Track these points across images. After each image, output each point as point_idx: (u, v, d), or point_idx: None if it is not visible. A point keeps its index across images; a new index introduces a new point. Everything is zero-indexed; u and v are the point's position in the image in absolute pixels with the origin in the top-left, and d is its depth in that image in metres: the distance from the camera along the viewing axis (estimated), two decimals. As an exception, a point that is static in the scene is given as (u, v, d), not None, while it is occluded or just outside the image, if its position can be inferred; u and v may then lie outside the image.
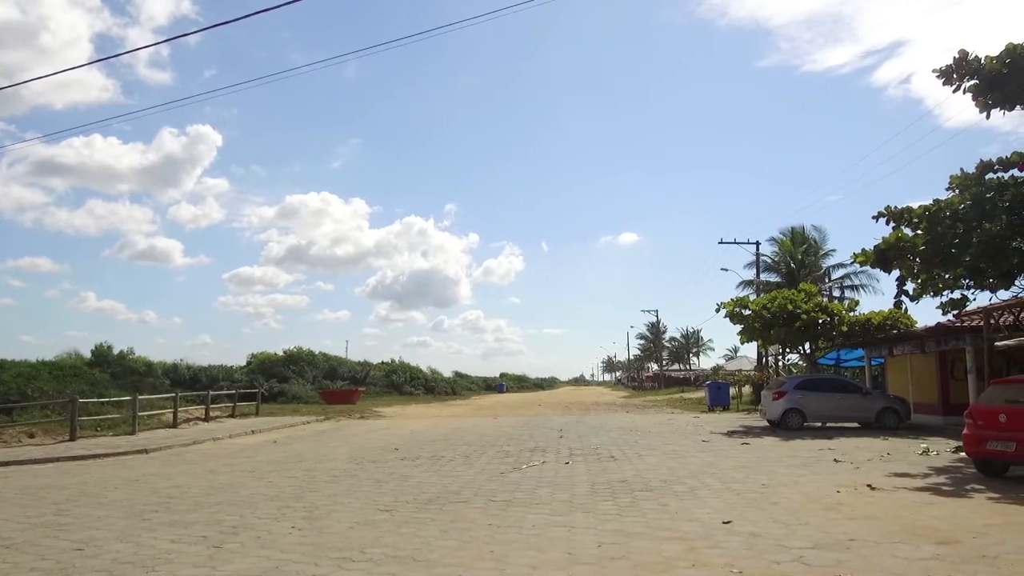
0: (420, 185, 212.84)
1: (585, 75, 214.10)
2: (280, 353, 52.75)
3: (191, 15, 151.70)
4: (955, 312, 15.66)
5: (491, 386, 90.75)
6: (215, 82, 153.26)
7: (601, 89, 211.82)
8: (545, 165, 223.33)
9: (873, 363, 30.35)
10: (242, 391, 32.49)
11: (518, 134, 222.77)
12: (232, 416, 28.35)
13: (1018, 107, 13.04)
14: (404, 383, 59.56)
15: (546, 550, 6.78)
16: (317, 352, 55.65)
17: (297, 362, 50.77)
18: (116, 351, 39.93)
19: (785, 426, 21.46)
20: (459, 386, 73.93)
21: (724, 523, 7.85)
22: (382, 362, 65.85)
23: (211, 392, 28.65)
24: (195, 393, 30.18)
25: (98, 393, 24.45)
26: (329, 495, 10.25)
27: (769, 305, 27.54)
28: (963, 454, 12.51)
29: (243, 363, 51.55)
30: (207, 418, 26.04)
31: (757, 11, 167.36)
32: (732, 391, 38.02)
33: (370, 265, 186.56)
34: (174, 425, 23.49)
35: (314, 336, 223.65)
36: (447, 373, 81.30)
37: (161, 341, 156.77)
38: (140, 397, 22.35)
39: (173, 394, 26.22)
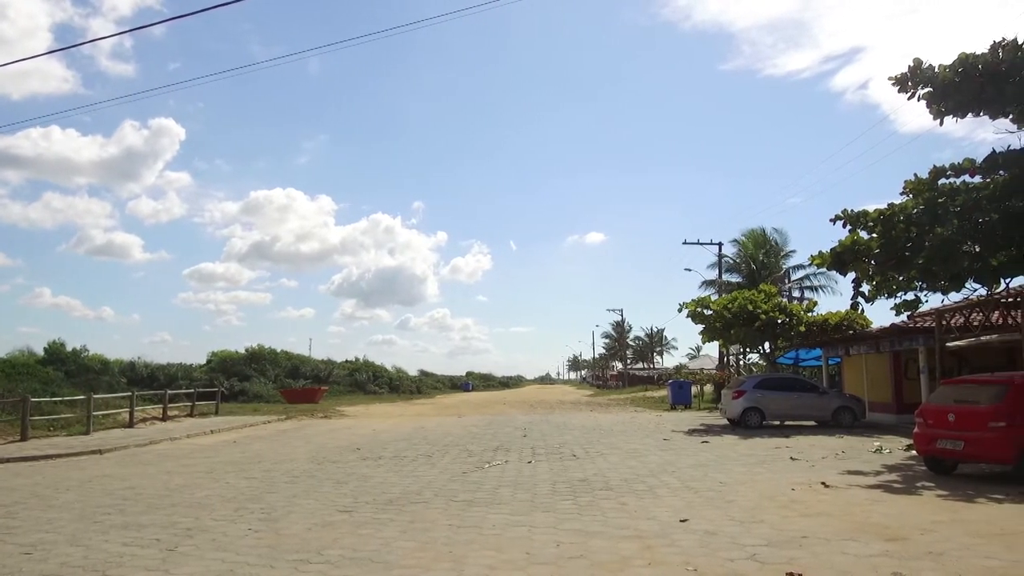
0: (388, 182, 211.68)
1: (552, 74, 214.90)
2: (241, 351, 51.98)
3: (155, 6, 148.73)
4: (908, 313, 16.07)
5: (457, 385, 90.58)
6: (179, 75, 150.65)
7: (568, 88, 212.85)
8: (514, 164, 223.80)
9: (830, 362, 31.01)
10: (201, 390, 31.92)
11: (487, 132, 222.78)
12: (190, 416, 27.85)
13: (970, 115, 13.38)
14: (368, 382, 59.14)
15: (505, 550, 6.80)
16: (279, 350, 54.99)
17: (259, 360, 50.05)
18: (70, 348, 38.91)
19: (744, 424, 21.81)
20: (424, 385, 73.71)
21: (681, 521, 7.96)
22: (346, 361, 65.35)
23: (169, 391, 28.11)
24: (152, 392, 29.59)
25: (51, 392, 23.86)
26: (288, 496, 10.14)
27: (730, 305, 27.96)
28: (914, 452, 12.83)
29: (203, 361, 50.73)
30: (164, 418, 25.54)
31: (720, 15, 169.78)
32: (694, 390, 38.48)
33: (335, 262, 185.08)
34: (130, 425, 22.99)
35: (277, 334, 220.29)
36: (412, 372, 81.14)
37: (118, 338, 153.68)
38: (95, 396, 21.80)
39: (129, 393, 25.63)
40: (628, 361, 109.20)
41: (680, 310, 29.66)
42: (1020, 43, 12.11)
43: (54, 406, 21.37)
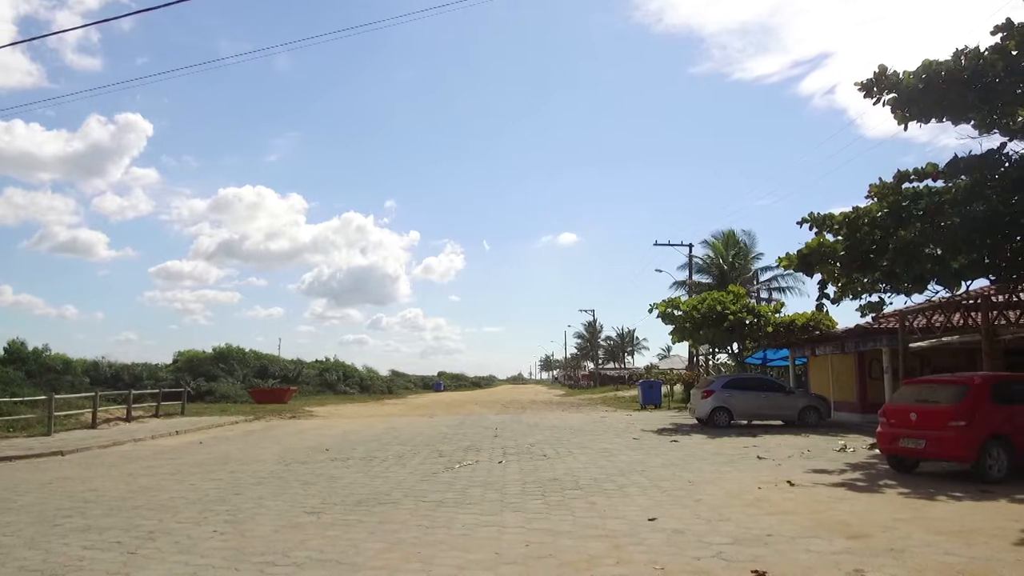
0: (360, 181, 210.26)
1: (526, 74, 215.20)
2: (209, 351, 51.20)
3: (123, 0, 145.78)
4: (873, 314, 16.35)
5: (428, 385, 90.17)
6: (147, 70, 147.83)
7: (542, 89, 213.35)
8: (488, 164, 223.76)
9: (797, 363, 31.48)
10: (167, 390, 31.39)
11: (461, 132, 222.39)
12: (156, 416, 27.37)
13: (933, 120, 13.67)
14: (338, 382, 58.60)
15: (474, 550, 6.78)
16: (248, 350, 54.22)
17: (227, 360, 49.34)
18: (31, 348, 38.02)
19: (713, 424, 22.03)
20: (395, 385, 73.23)
21: (650, 520, 8.01)
22: (316, 360, 64.63)
23: (133, 391, 27.60)
24: (116, 392, 29.03)
25: (11, 392, 23.31)
26: (254, 498, 10.01)
27: (699, 306, 28.24)
28: (877, 451, 13.07)
29: (169, 361, 49.88)
30: (129, 418, 25.07)
31: (691, 19, 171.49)
32: (664, 389, 38.81)
33: (306, 261, 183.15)
34: (93, 426, 22.52)
35: (245, 333, 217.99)
36: (384, 372, 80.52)
37: (82, 337, 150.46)
38: (56, 396, 21.32)
39: (92, 393, 25.12)
40: (600, 361, 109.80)
41: (651, 311, 29.90)
42: (982, 51, 12.39)
43: (14, 406, 20.87)
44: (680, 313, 28.90)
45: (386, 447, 16.96)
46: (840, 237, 14.63)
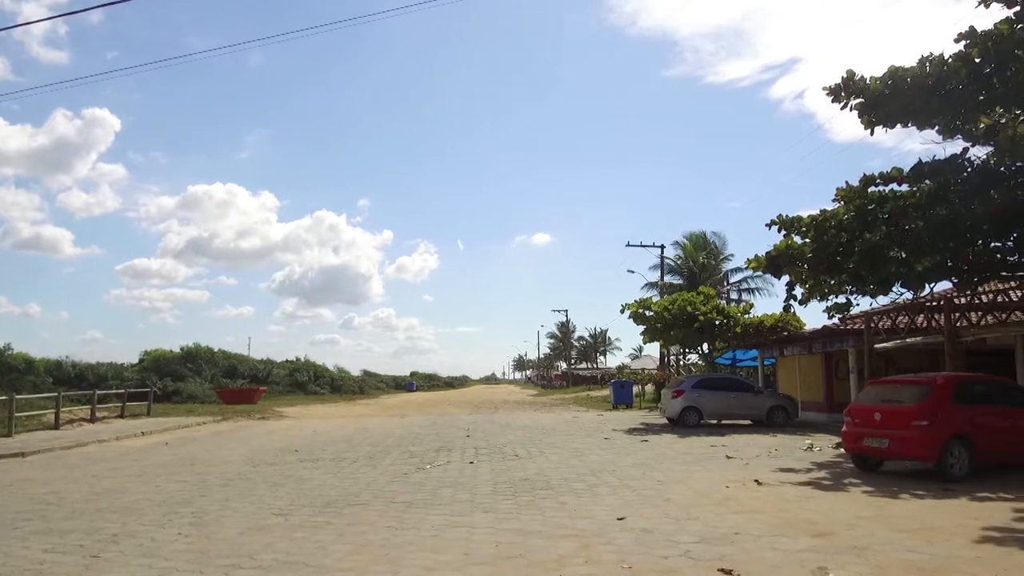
0: (333, 179, 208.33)
1: (501, 74, 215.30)
2: (176, 350, 50.35)
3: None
4: (839, 316, 16.64)
5: (401, 385, 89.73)
6: (115, 64, 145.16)
7: (517, 89, 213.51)
8: (462, 163, 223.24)
9: (765, 363, 31.90)
10: (133, 390, 30.82)
11: (435, 131, 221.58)
12: (121, 417, 26.85)
13: (899, 125, 13.92)
14: (309, 382, 58.03)
15: (443, 551, 6.76)
16: (216, 349, 53.48)
17: (195, 360, 48.61)
18: (-8, 347, 37.15)
19: (683, 423, 22.22)
20: (367, 385, 72.73)
21: (619, 519, 8.05)
22: (286, 360, 63.92)
23: (98, 391, 27.07)
24: (80, 392, 28.48)
25: (-31, 392, 22.67)
26: (221, 499, 9.87)
27: (670, 307, 28.47)
28: (843, 450, 13.27)
29: (135, 360, 48.99)
30: (93, 419, 24.57)
31: (665, 22, 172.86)
32: (636, 389, 39.06)
33: (277, 260, 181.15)
34: (56, 427, 22.05)
35: (214, 333, 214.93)
36: (355, 372, 79.85)
37: (46, 337, 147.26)
38: (17, 396, 20.82)
39: (55, 393, 24.60)
40: (572, 361, 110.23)
41: (622, 311, 30.06)
42: (946, 58, 12.65)
43: (-28, 407, 20.32)
44: (651, 314, 29.11)
45: (356, 448, 16.84)
46: (808, 239, 14.84)
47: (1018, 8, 11.68)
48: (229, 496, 10.16)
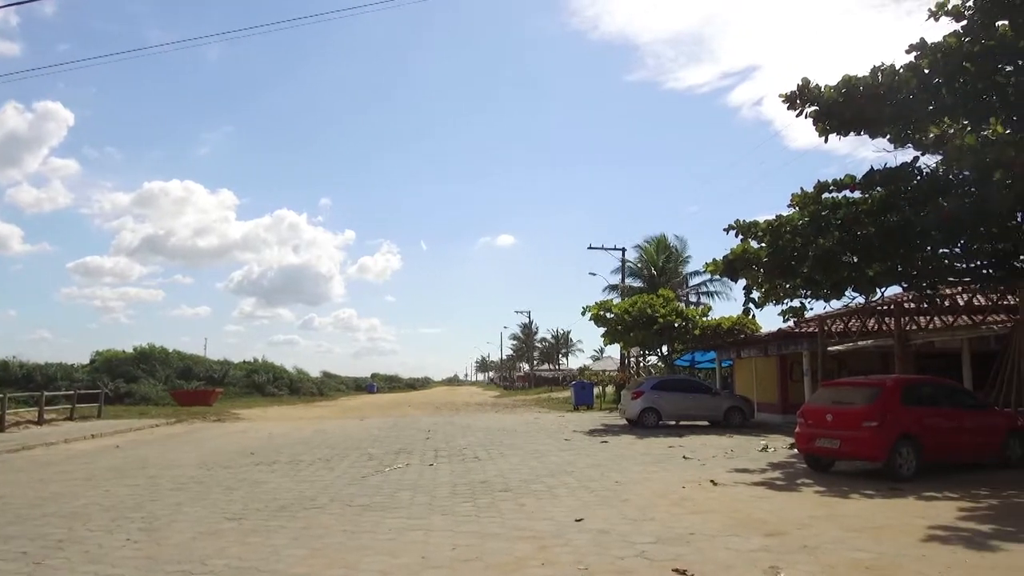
0: (294, 178, 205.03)
1: (465, 75, 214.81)
2: (129, 351, 49.11)
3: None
4: (794, 319, 16.96)
5: (361, 386, 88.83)
6: (69, 56, 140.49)
7: (480, 90, 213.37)
8: (427, 164, 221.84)
9: (723, 365, 32.41)
10: (83, 391, 29.97)
11: (400, 131, 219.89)
12: (70, 419, 26.13)
13: (852, 133, 14.25)
14: (267, 383, 57.07)
15: (400, 555, 6.71)
16: (171, 350, 52.24)
17: (148, 361, 47.48)
18: (-66, 346, 35.79)
19: (642, 424, 22.45)
20: (327, 387, 71.84)
21: (577, 521, 8.09)
22: (244, 361, 62.73)
23: (46, 392, 26.29)
24: (27, 394, 27.61)
25: (-92, 394, 21.82)
26: (172, 504, 9.65)
27: (630, 309, 28.75)
28: (796, 451, 13.54)
29: (86, 361, 47.67)
30: (40, 421, 23.87)
31: (626, 27, 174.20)
32: (596, 391, 39.34)
33: (235, 259, 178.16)
34: (1, 429, 21.33)
35: (169, 333, 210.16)
36: (315, 373, 78.67)
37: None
38: (-41, 398, 20.13)
39: (1, 394, 23.79)
40: (535, 362, 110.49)
41: (583, 313, 30.25)
42: (897, 69, 12.99)
43: (-89, 409, 19.57)
44: (612, 316, 29.36)
45: (314, 450, 16.63)
46: (764, 244, 15.10)
47: (966, 22, 12.07)
48: (181, 500, 9.94)
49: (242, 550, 6.95)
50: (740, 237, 15.45)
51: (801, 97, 13.93)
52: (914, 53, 12.76)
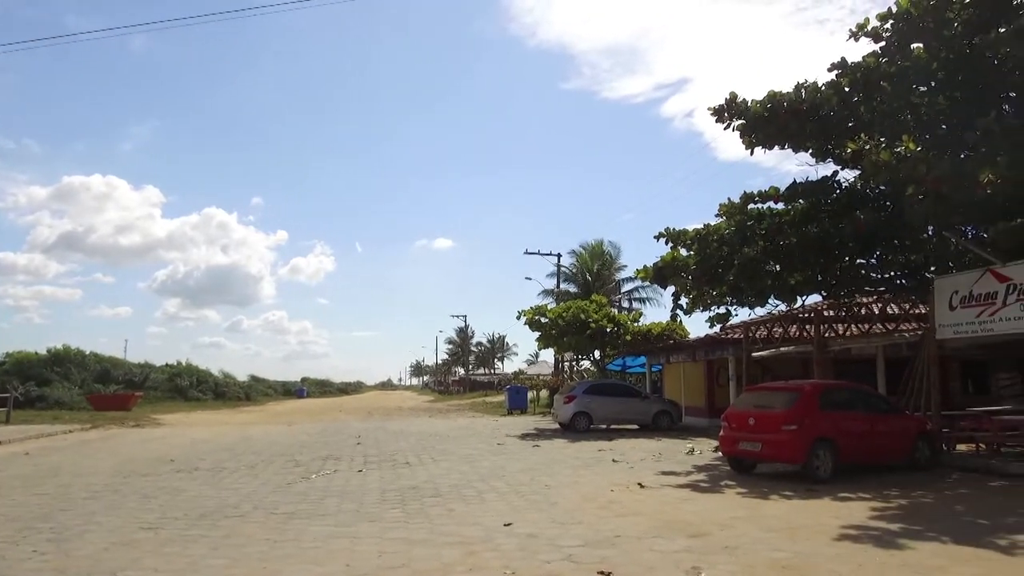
0: (225, 176, 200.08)
1: (404, 77, 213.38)
2: (42, 352, 46.68)
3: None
4: (720, 325, 17.46)
5: (291, 391, 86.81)
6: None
7: (420, 92, 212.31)
8: (364, 165, 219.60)
9: (653, 369, 33.00)
10: (-10, 396, 28.33)
11: (335, 131, 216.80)
12: (-25, 425, 24.64)
13: (776, 147, 14.78)
14: (190, 387, 55.06)
15: (324, 563, 6.58)
16: (88, 352, 49.85)
17: (63, 363, 45.21)
18: None
19: (574, 428, 22.67)
20: (254, 391, 69.86)
21: (505, 525, 8.09)
22: (167, 364, 60.38)
23: (-52, 397, 24.72)
24: (-73, 398, 25.88)
25: None
26: (84, 513, 9.20)
27: (564, 314, 29.08)
28: (720, 453, 13.89)
29: (-5, 363, 45.08)
30: (-59, 427, 22.41)
31: (563, 35, 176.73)
32: (531, 395, 39.53)
33: (160, 258, 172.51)
34: None
35: (87, 334, 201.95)
36: (242, 377, 76.41)
37: None
38: None
39: None
40: (470, 367, 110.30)
41: (519, 318, 30.46)
42: (820, 86, 13.55)
43: None
44: (546, 320, 29.64)
45: (238, 457, 16.15)
46: (692, 252, 15.50)
47: (884, 43, 12.68)
48: (94, 509, 9.48)
49: (158, 561, 6.68)
50: (670, 245, 15.82)
51: (729, 111, 14.37)
52: (836, 72, 13.33)
